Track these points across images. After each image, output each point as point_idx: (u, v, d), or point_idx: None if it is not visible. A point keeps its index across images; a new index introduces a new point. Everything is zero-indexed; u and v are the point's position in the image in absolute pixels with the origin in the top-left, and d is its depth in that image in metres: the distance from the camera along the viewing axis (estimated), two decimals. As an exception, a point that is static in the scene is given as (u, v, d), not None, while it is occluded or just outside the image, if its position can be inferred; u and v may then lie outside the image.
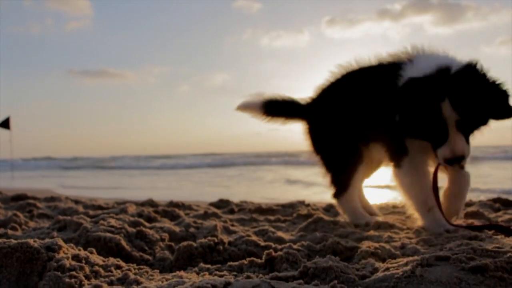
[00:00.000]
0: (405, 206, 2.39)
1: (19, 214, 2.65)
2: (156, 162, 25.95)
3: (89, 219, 2.35)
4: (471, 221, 2.43)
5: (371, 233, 2.18)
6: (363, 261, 1.53)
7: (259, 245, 1.91)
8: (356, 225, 2.42)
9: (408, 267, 1.25)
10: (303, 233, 2.25)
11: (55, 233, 2.07)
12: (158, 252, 1.91)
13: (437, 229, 2.13)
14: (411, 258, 1.38)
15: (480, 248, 1.38)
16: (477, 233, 1.99)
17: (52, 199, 3.94)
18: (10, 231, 2.22)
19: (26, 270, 1.36)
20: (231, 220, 2.75)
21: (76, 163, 29.91)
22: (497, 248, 1.37)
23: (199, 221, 2.52)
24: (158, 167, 20.55)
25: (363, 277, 1.32)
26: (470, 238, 1.85)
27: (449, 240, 1.87)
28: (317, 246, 1.83)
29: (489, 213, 2.80)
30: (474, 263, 1.25)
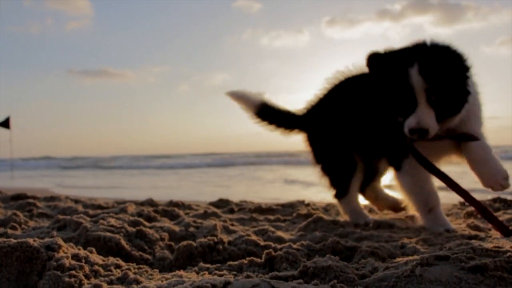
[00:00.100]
0: (406, 206, 2.40)
1: (18, 213, 2.64)
2: (156, 162, 25.95)
3: (88, 219, 2.35)
4: (471, 220, 2.43)
5: (371, 232, 2.18)
6: (362, 261, 1.53)
7: (258, 244, 1.91)
8: (356, 225, 2.42)
9: (408, 267, 1.25)
10: (302, 233, 2.25)
11: (54, 233, 2.07)
12: (157, 252, 1.91)
13: (437, 229, 2.14)
14: (410, 258, 1.38)
15: (480, 248, 1.38)
16: (477, 232, 1.99)
17: (51, 198, 3.94)
18: (9, 231, 2.22)
19: (25, 269, 1.36)
20: (230, 220, 2.75)
21: (75, 162, 29.89)
22: (497, 247, 1.37)
23: (198, 220, 2.52)
24: (157, 166, 20.54)
25: (362, 276, 1.32)
26: (470, 238, 1.85)
27: (448, 239, 1.87)
28: (317, 246, 1.83)
29: (489, 213, 2.80)
30: (474, 263, 1.25)
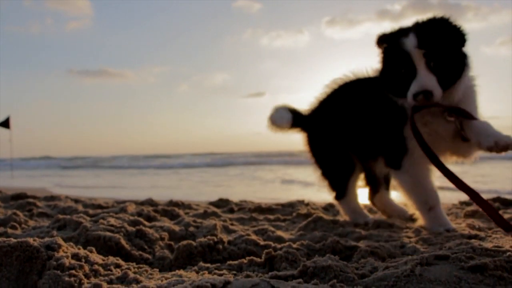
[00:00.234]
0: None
1: (18, 213, 2.65)
2: (156, 162, 25.95)
3: (88, 218, 2.35)
4: (471, 220, 2.43)
5: (371, 232, 2.18)
6: (362, 260, 1.53)
7: (258, 244, 1.91)
8: (356, 225, 2.42)
9: (408, 266, 1.25)
10: (302, 232, 2.25)
11: (54, 232, 2.07)
12: (157, 251, 1.91)
13: (437, 229, 2.14)
14: (410, 257, 1.38)
15: (480, 247, 1.38)
16: (476, 232, 1.99)
17: (51, 198, 3.94)
18: (9, 230, 2.22)
19: (25, 268, 1.36)
20: (230, 219, 2.75)
21: (75, 162, 29.90)
22: (497, 247, 1.37)
23: (198, 220, 2.52)
24: (157, 166, 20.55)
25: (362, 276, 1.33)
26: (470, 237, 1.85)
27: (448, 239, 1.87)
28: (317, 245, 1.83)
29: (489, 212, 2.81)
30: (474, 262, 1.25)
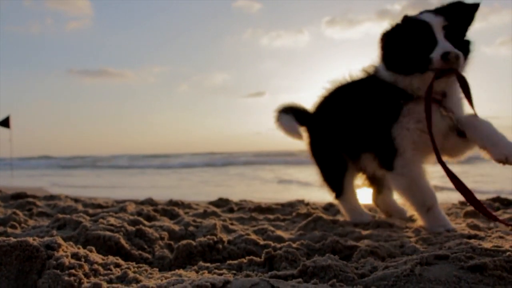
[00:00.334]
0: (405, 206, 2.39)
1: (18, 212, 2.65)
2: (156, 161, 25.95)
3: (88, 218, 2.35)
4: (471, 220, 2.44)
5: (371, 232, 2.18)
6: (362, 260, 1.53)
7: (258, 244, 1.91)
8: (355, 224, 2.42)
9: (407, 266, 1.25)
10: (302, 232, 2.25)
11: (54, 232, 2.07)
12: (157, 251, 1.91)
13: (437, 229, 2.13)
14: (410, 257, 1.39)
15: (479, 247, 1.38)
16: (476, 232, 1.99)
17: (51, 197, 3.94)
18: (9, 229, 2.22)
19: (25, 268, 1.36)
20: (230, 219, 2.75)
21: (75, 162, 29.89)
22: (496, 247, 1.37)
23: (198, 220, 2.52)
24: (157, 166, 20.55)
25: (362, 275, 1.33)
26: (469, 237, 1.85)
27: (448, 239, 1.87)
28: (316, 245, 1.83)
29: (488, 212, 2.81)
30: (473, 262, 1.25)
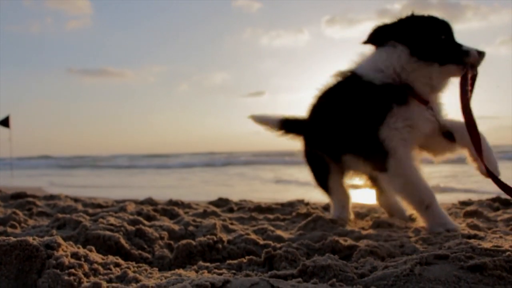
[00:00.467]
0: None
1: (18, 212, 2.64)
2: (155, 161, 25.96)
3: (88, 217, 2.35)
4: (471, 220, 2.44)
5: (370, 231, 2.18)
6: (362, 260, 1.53)
7: (258, 243, 1.91)
8: (332, 220, 2.41)
9: (407, 266, 1.25)
10: (302, 232, 2.25)
11: (54, 231, 2.07)
12: (157, 250, 1.91)
13: (438, 229, 2.11)
14: (410, 257, 1.38)
15: (479, 247, 1.38)
16: (476, 232, 1.99)
17: (51, 197, 3.94)
18: (9, 229, 2.22)
19: (25, 267, 1.36)
20: (230, 219, 2.75)
21: (74, 161, 29.88)
22: (496, 247, 1.37)
23: (198, 219, 2.52)
24: (157, 166, 20.55)
25: (362, 275, 1.33)
26: (469, 237, 1.85)
27: (448, 239, 1.87)
28: (316, 245, 1.83)
29: (488, 212, 2.81)
30: (473, 262, 1.25)
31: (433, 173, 8.60)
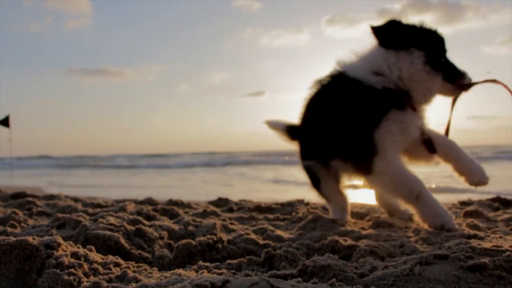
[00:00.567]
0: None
1: (18, 211, 2.64)
2: (155, 161, 25.95)
3: (88, 217, 2.35)
4: (471, 220, 2.44)
5: (370, 231, 2.18)
6: (361, 260, 1.53)
7: (258, 243, 1.91)
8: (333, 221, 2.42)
9: (407, 266, 1.25)
10: (302, 232, 2.25)
11: (54, 231, 2.07)
12: (157, 250, 1.91)
13: (435, 220, 2.12)
14: (410, 257, 1.38)
15: (479, 247, 1.38)
16: (476, 231, 1.99)
17: (51, 197, 3.94)
18: (9, 229, 2.22)
19: (25, 267, 1.36)
20: (230, 219, 2.75)
21: (74, 161, 29.87)
22: (496, 247, 1.37)
23: (198, 219, 2.52)
24: (157, 166, 20.55)
25: (361, 275, 1.33)
26: (469, 237, 1.85)
27: (448, 238, 1.88)
28: (316, 245, 1.83)
29: (488, 212, 2.81)
30: (473, 262, 1.25)
31: (433, 173, 8.60)
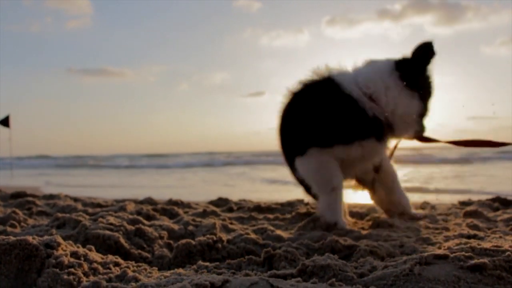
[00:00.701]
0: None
1: (18, 211, 2.64)
2: (155, 161, 25.95)
3: (88, 217, 2.35)
4: (470, 220, 2.44)
5: (370, 231, 2.18)
6: (361, 260, 1.53)
7: (257, 243, 1.91)
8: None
9: (407, 266, 1.25)
10: (301, 232, 2.25)
11: (54, 230, 2.07)
12: (156, 250, 1.91)
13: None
14: (409, 257, 1.38)
15: (479, 247, 1.38)
16: (476, 231, 1.99)
17: (51, 196, 3.94)
18: (9, 228, 2.22)
19: (25, 267, 1.36)
20: (230, 219, 2.75)
21: (74, 161, 29.87)
22: (496, 247, 1.37)
23: (198, 219, 2.52)
24: (157, 165, 20.55)
25: (361, 275, 1.33)
26: (469, 237, 1.85)
27: (448, 238, 1.88)
28: (316, 245, 1.83)
29: (488, 212, 2.81)
30: (473, 262, 1.25)
31: (433, 173, 8.60)
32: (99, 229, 1.95)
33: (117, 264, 1.56)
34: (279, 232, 2.20)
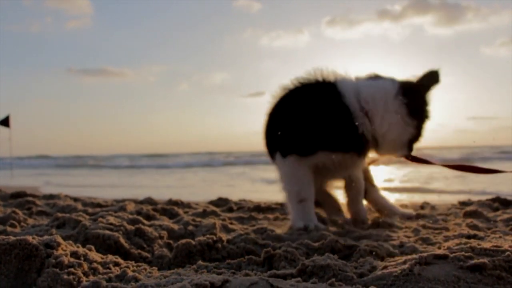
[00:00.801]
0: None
1: (18, 211, 2.64)
2: (155, 161, 25.95)
3: (88, 217, 2.35)
4: (470, 220, 2.44)
5: (370, 231, 2.18)
6: (361, 260, 1.53)
7: (257, 243, 1.91)
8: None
9: (407, 266, 1.25)
10: (301, 232, 2.25)
11: (54, 230, 2.07)
12: (156, 250, 1.91)
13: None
14: (409, 257, 1.38)
15: (479, 247, 1.38)
16: (475, 231, 1.99)
17: (51, 196, 3.94)
18: (9, 228, 2.22)
19: (24, 266, 1.36)
20: (230, 218, 2.75)
21: (73, 161, 29.85)
22: (496, 247, 1.37)
23: (198, 219, 2.52)
24: (157, 165, 20.54)
25: (361, 275, 1.33)
26: (469, 237, 1.85)
27: (447, 238, 1.88)
28: (316, 245, 1.83)
29: (488, 212, 2.81)
30: (472, 262, 1.25)
31: (433, 173, 8.60)
32: (99, 229, 1.95)
33: (117, 264, 1.55)
34: (279, 232, 2.20)
